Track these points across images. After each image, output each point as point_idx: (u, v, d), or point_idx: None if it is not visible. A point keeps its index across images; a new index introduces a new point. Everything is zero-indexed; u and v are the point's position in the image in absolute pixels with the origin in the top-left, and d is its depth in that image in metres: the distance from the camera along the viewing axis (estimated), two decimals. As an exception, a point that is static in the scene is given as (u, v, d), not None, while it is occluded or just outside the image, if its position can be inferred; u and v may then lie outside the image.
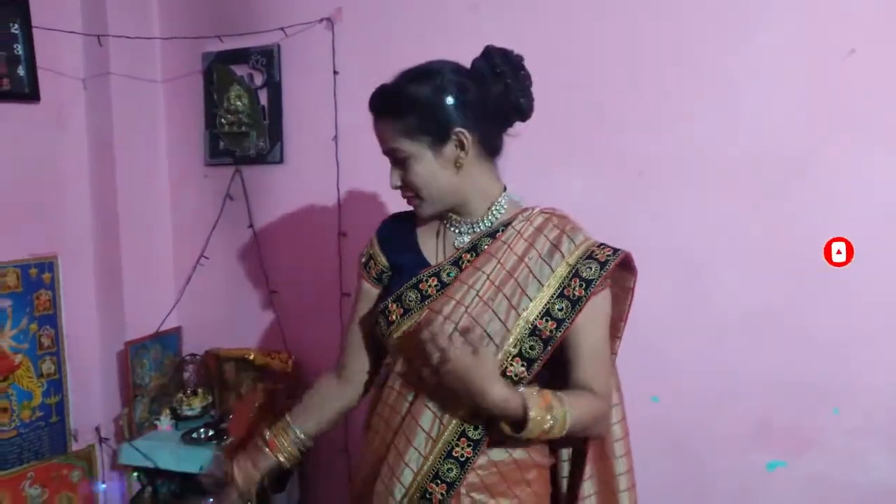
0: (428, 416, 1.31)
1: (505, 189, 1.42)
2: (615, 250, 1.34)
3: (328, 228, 2.30)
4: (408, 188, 1.35)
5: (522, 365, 1.29)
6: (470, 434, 1.29)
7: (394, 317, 1.37)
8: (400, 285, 1.39)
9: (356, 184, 2.26)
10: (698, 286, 1.93)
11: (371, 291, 1.50)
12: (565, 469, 1.48)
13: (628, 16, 1.93)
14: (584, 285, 1.30)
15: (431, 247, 1.43)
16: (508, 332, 1.29)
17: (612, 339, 1.41)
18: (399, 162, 1.34)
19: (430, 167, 1.32)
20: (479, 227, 1.39)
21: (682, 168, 1.92)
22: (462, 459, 1.29)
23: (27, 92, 2.25)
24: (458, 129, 1.31)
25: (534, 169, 1.99)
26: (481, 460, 1.31)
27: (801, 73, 1.80)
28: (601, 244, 1.35)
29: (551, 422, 1.21)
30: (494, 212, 1.39)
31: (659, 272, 1.95)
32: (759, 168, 1.85)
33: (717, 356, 1.93)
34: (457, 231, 1.41)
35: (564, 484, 1.48)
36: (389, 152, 1.34)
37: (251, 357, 2.35)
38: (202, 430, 2.34)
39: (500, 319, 1.29)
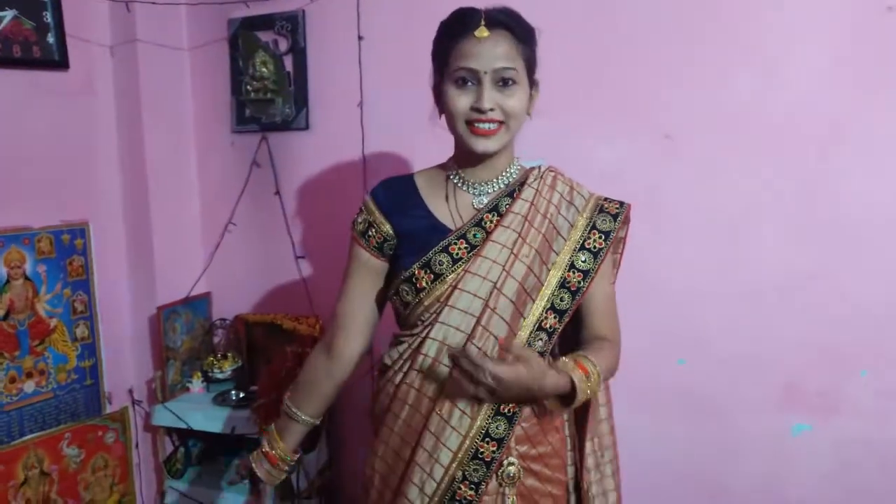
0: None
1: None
2: (620, 203, 1.42)
3: (354, 194, 2.31)
4: (498, 113, 1.30)
5: (555, 317, 1.34)
6: None
7: (423, 283, 1.35)
8: (415, 252, 1.36)
9: (381, 149, 2.27)
10: (729, 249, 1.93)
11: (371, 262, 1.45)
12: (567, 428, 1.47)
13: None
14: (602, 237, 1.38)
15: (444, 210, 1.41)
16: (543, 286, 1.33)
17: None
18: (503, 83, 1.29)
19: (525, 101, 1.33)
20: (495, 186, 1.40)
21: (715, 131, 1.90)
22: (509, 414, 1.32)
23: (57, 59, 2.27)
24: (536, 77, 1.37)
25: (559, 133, 1.99)
26: (526, 412, 1.35)
27: (838, 31, 1.77)
28: (606, 197, 1.43)
29: (590, 386, 1.25)
30: (512, 171, 1.42)
31: (689, 235, 1.95)
32: (795, 130, 1.83)
33: (746, 319, 1.93)
34: (473, 192, 1.41)
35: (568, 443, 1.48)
36: (499, 71, 1.28)
37: (279, 322, 2.39)
38: (233, 392, 2.39)
39: (535, 274, 1.33)
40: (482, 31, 1.27)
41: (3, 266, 2.18)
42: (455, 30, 1.31)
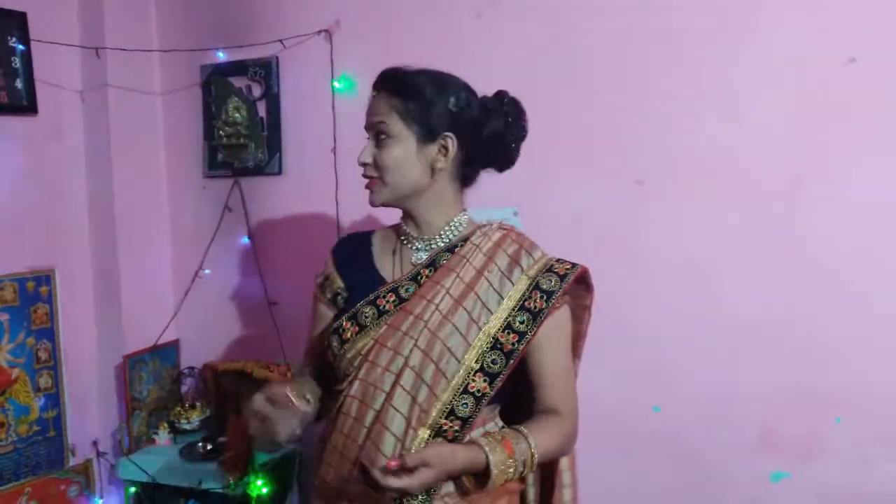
0: (390, 440, 1.25)
1: (465, 210, 1.42)
2: (573, 264, 1.35)
3: (327, 240, 2.25)
4: (374, 168, 1.34)
5: (485, 380, 1.27)
6: None
7: (348, 335, 1.33)
8: (355, 303, 1.36)
9: (355, 195, 2.24)
10: (702, 294, 1.92)
11: (326, 314, 1.46)
12: (531, 493, 1.44)
13: (629, 24, 1.93)
14: (544, 297, 1.30)
15: (388, 265, 1.41)
16: (470, 346, 1.28)
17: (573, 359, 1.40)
18: (379, 139, 1.33)
19: (408, 156, 1.32)
20: (437, 243, 1.39)
21: (684, 176, 1.91)
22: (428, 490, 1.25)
23: (25, 105, 2.24)
24: (447, 133, 1.33)
25: (531, 179, 1.99)
26: (446, 488, 1.26)
27: (803, 79, 1.80)
28: (559, 259, 1.37)
29: (515, 465, 1.20)
30: (453, 227, 1.39)
31: (661, 280, 1.95)
32: (764, 174, 1.85)
33: (721, 364, 1.92)
34: (414, 248, 1.40)
35: None
36: (374, 125, 1.33)
37: (250, 370, 2.34)
38: (200, 444, 2.32)
39: (460, 333, 1.28)
40: (374, 90, 1.36)
41: (-37, 315, 2.12)
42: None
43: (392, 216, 1.48)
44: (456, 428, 1.27)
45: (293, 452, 2.25)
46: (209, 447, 2.30)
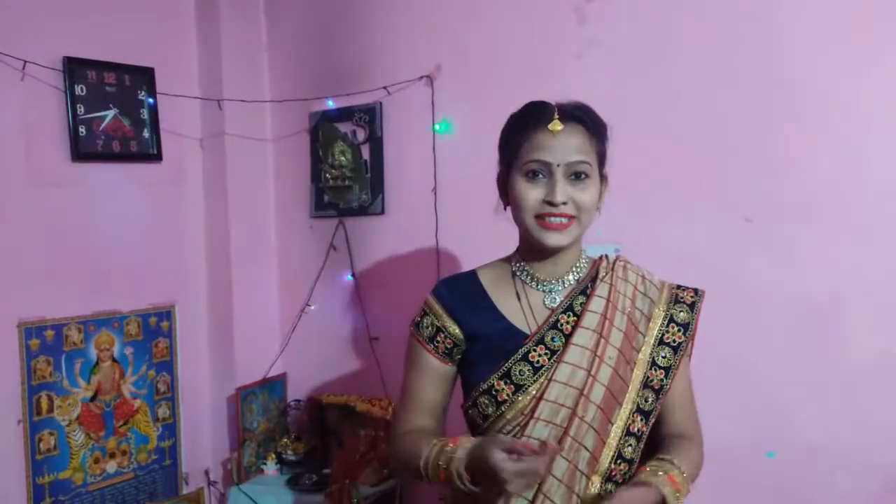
0: (564, 491, 1.21)
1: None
2: (695, 290, 1.37)
3: (427, 277, 2.33)
4: (570, 207, 1.26)
5: (641, 419, 1.28)
6: None
7: (504, 395, 1.26)
8: (490, 359, 1.29)
9: (454, 234, 2.30)
10: (818, 334, 1.84)
11: (441, 368, 1.35)
12: None
13: (737, 56, 1.89)
14: (681, 330, 1.33)
15: (514, 310, 1.33)
16: (628, 388, 1.27)
17: None
18: (575, 176, 1.26)
19: (596, 195, 1.29)
20: (567, 283, 1.34)
21: (795, 212, 1.85)
22: None
23: (151, 152, 2.43)
24: (605, 171, 1.34)
25: (636, 216, 1.98)
26: None
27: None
28: (678, 285, 1.38)
29: (680, 497, 1.20)
30: (581, 265, 1.36)
31: (774, 319, 1.88)
32: (883, 210, 1.76)
33: (839, 408, 1.82)
34: (544, 289, 1.34)
35: None
36: (572, 164, 1.25)
37: (352, 403, 2.39)
38: (306, 475, 2.39)
39: (620, 376, 1.27)
40: (556, 125, 1.25)
41: (94, 349, 2.28)
42: (527, 122, 1.29)
43: (488, 254, 1.46)
44: (624, 470, 1.27)
45: (394, 486, 2.28)
46: (314, 479, 2.36)
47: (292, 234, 2.66)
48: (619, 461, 1.26)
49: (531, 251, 1.34)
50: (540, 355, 1.27)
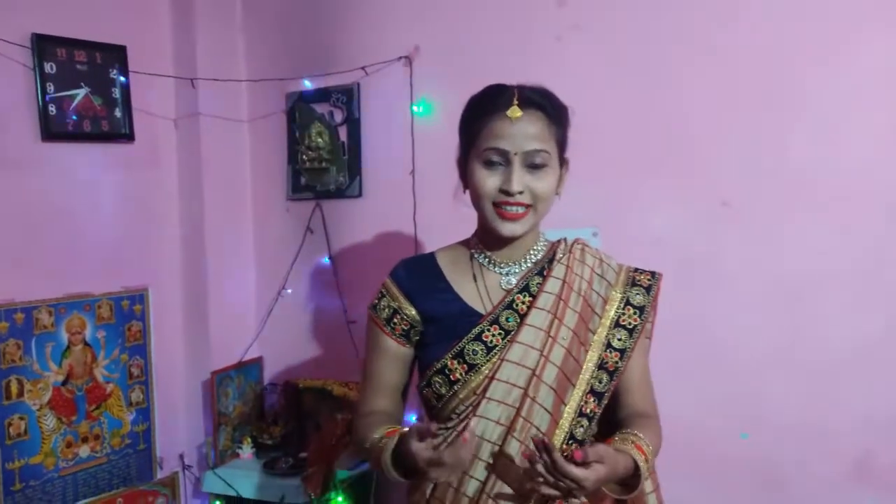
0: (517, 472, 1.21)
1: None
2: (651, 273, 1.37)
3: (405, 261, 2.33)
4: (527, 196, 1.25)
5: (594, 400, 1.29)
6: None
7: (457, 374, 1.27)
8: (445, 339, 1.29)
9: (432, 217, 2.29)
10: (792, 318, 1.86)
11: (398, 350, 1.36)
12: None
13: (712, 43, 1.90)
14: (637, 313, 1.33)
15: (471, 291, 1.33)
16: (581, 368, 1.28)
17: None
18: (532, 166, 1.24)
19: (555, 182, 1.28)
20: (524, 265, 1.34)
21: (772, 197, 1.86)
22: None
23: (124, 132, 2.38)
24: (566, 156, 1.33)
25: (612, 200, 1.98)
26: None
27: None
28: (635, 268, 1.38)
29: (648, 468, 1.21)
30: (539, 248, 1.36)
31: (749, 303, 1.90)
32: (856, 195, 1.79)
33: (814, 390, 1.85)
34: (500, 271, 1.34)
35: None
36: (530, 153, 1.23)
37: (329, 387, 2.38)
38: (283, 459, 2.38)
39: (573, 357, 1.27)
40: (515, 111, 1.22)
41: (65, 332, 2.24)
42: (486, 107, 1.26)
43: (452, 234, 1.45)
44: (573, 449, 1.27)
45: (371, 468, 2.28)
46: (291, 462, 2.35)
47: (268, 216, 2.63)
48: (570, 441, 1.27)
49: (488, 235, 1.34)
50: (494, 335, 1.28)
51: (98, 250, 2.34)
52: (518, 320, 1.29)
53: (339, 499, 2.13)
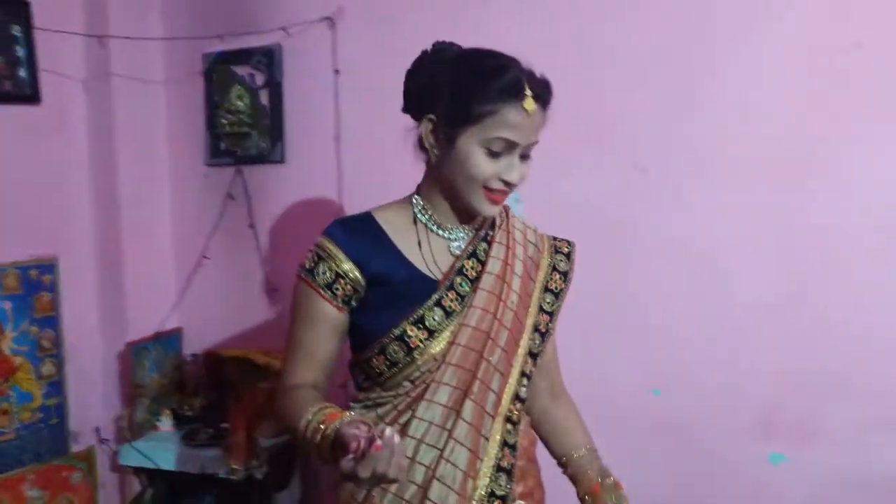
0: (487, 422, 1.25)
1: None
2: (569, 242, 1.41)
3: (329, 227, 2.30)
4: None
5: (531, 361, 1.32)
6: (510, 441, 1.31)
7: (416, 341, 1.23)
8: (394, 305, 1.25)
9: (358, 183, 2.27)
10: (704, 278, 1.94)
11: (338, 318, 1.26)
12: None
13: (633, 12, 1.94)
14: (562, 278, 1.38)
15: (417, 254, 1.29)
16: (524, 331, 1.31)
17: None
18: (524, 155, 1.25)
19: None
20: (469, 230, 1.32)
21: (687, 162, 1.93)
22: (508, 468, 1.30)
23: (28, 94, 2.25)
24: None
25: (532, 166, 2.00)
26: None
27: (810, 65, 1.82)
28: (553, 236, 1.42)
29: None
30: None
31: (663, 265, 1.96)
32: (768, 160, 1.87)
33: (723, 347, 1.93)
34: (449, 236, 1.31)
35: None
36: (531, 145, 1.24)
37: (252, 357, 2.34)
38: (203, 431, 2.33)
39: (519, 320, 1.30)
40: (530, 104, 1.20)
41: (-32, 302, 2.13)
42: (499, 91, 1.20)
43: (378, 200, 1.38)
44: (518, 409, 1.31)
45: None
46: (211, 433, 2.31)
47: (186, 182, 2.55)
48: (516, 401, 1.30)
49: (445, 201, 1.29)
50: (451, 301, 1.26)
51: (2, 217, 2.22)
52: (470, 285, 1.28)
53: (262, 468, 2.10)
